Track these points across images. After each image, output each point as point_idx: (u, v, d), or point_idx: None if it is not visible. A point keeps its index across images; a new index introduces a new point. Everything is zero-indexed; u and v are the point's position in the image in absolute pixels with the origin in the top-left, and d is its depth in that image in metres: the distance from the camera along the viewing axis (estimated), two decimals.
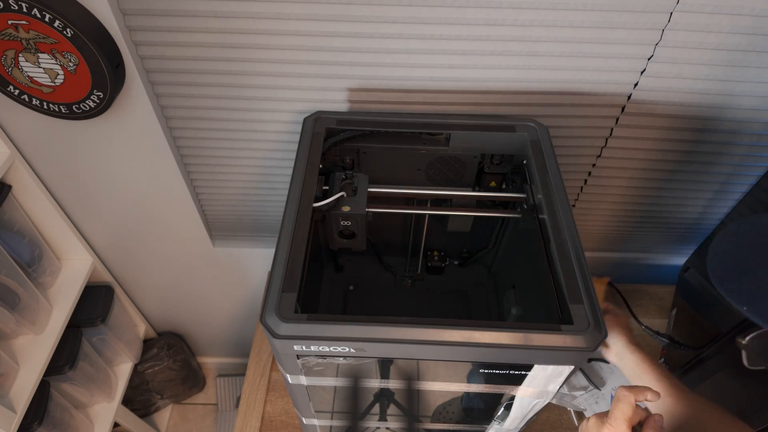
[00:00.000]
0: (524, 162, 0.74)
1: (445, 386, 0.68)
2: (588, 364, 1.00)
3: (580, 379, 0.98)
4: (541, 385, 0.60)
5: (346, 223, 0.70)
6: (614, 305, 0.83)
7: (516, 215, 0.73)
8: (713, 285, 0.56)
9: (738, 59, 0.74)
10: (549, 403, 0.66)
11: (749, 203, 0.93)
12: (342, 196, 0.71)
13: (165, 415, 1.64)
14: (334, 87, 0.79)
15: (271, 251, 0.62)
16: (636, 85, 0.78)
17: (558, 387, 0.61)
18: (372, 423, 0.83)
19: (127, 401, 1.44)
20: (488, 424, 0.76)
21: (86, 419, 1.23)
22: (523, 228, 0.72)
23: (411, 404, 0.79)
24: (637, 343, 0.74)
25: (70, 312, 1.09)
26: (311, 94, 0.80)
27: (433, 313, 0.96)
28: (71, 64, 0.72)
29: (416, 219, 0.89)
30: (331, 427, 0.82)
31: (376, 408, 0.80)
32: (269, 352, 1.02)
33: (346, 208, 0.70)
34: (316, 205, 0.66)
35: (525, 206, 0.71)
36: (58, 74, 0.74)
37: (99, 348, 1.24)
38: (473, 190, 0.82)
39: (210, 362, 1.72)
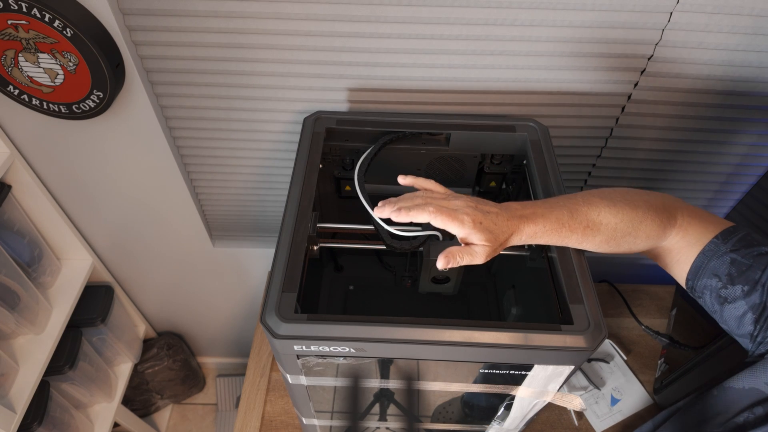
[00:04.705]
0: (524, 162, 0.74)
1: (445, 386, 0.68)
2: (588, 364, 1.00)
3: (580, 379, 0.98)
4: (541, 385, 0.60)
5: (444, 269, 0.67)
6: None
7: (524, 253, 0.68)
8: None
9: (738, 59, 0.74)
10: (549, 403, 0.66)
11: (749, 203, 0.93)
12: (437, 237, 0.64)
13: (165, 415, 1.64)
14: (334, 87, 0.79)
15: (271, 251, 0.62)
16: (636, 85, 0.78)
17: (558, 387, 0.61)
18: (372, 423, 0.83)
19: (127, 401, 1.44)
20: (488, 424, 0.76)
21: (86, 419, 1.23)
22: (531, 266, 0.70)
23: (411, 404, 0.79)
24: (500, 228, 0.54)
25: (70, 312, 1.09)
26: (311, 94, 0.80)
27: (433, 313, 0.96)
28: (71, 64, 0.72)
29: None
30: (331, 427, 0.82)
31: (376, 408, 0.80)
32: (269, 352, 1.02)
33: None
34: (399, 242, 0.62)
35: (534, 245, 0.66)
36: (57, 74, 0.74)
37: (99, 348, 1.24)
38: (473, 191, 0.82)
39: (210, 362, 1.72)
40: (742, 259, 0.51)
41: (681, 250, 0.56)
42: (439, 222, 0.52)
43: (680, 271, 0.56)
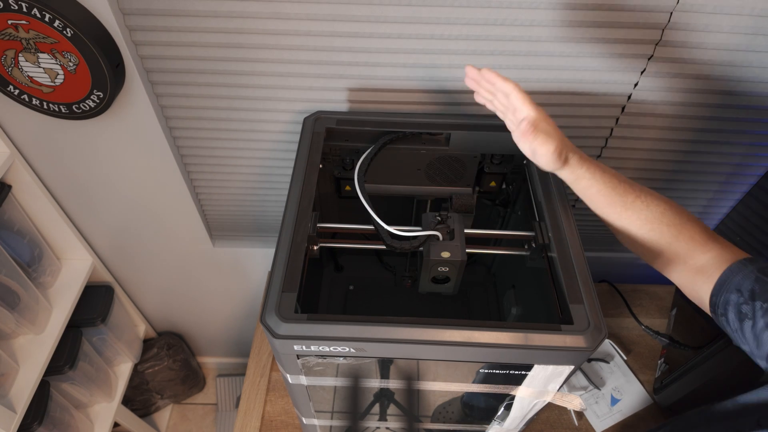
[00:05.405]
0: (524, 162, 0.74)
1: (445, 386, 0.68)
2: (588, 364, 1.00)
3: (580, 379, 0.98)
4: (541, 385, 0.60)
5: (443, 269, 0.66)
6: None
7: (524, 253, 0.70)
8: None
9: (738, 59, 0.74)
10: (549, 403, 0.66)
11: (749, 203, 0.93)
12: (437, 237, 0.65)
13: (165, 415, 1.64)
14: (334, 87, 0.79)
15: (271, 251, 0.62)
16: (636, 84, 0.78)
17: (558, 387, 0.61)
18: (372, 423, 0.83)
19: (127, 401, 1.44)
20: (488, 424, 0.76)
21: (86, 419, 1.22)
22: (531, 266, 0.70)
23: (411, 404, 0.79)
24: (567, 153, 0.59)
25: (70, 312, 1.09)
26: (311, 94, 0.80)
27: (433, 313, 0.96)
28: (71, 64, 0.72)
29: (416, 219, 0.89)
30: (331, 427, 0.82)
31: (376, 408, 0.80)
32: (269, 352, 1.02)
33: (446, 254, 0.64)
34: (399, 242, 0.63)
35: (534, 245, 0.68)
36: (57, 74, 0.74)
37: (99, 348, 1.24)
38: (473, 191, 0.82)
39: (210, 362, 1.72)
40: (767, 279, 0.51)
41: (713, 267, 0.55)
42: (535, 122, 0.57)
43: (708, 290, 0.55)
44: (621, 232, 0.61)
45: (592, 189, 0.59)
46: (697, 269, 0.57)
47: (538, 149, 0.58)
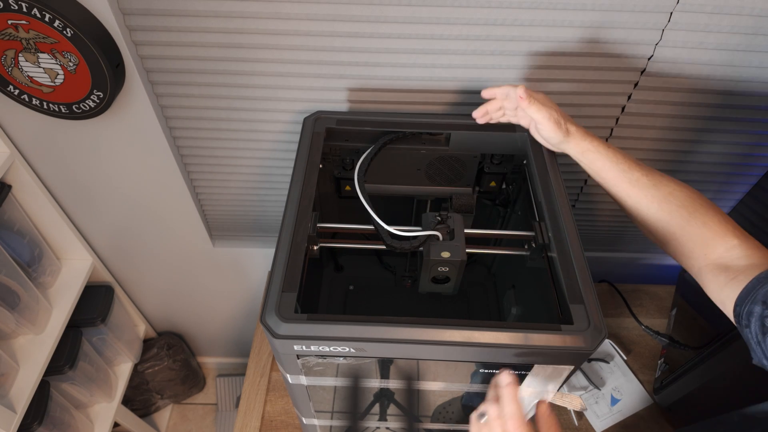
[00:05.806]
0: (524, 162, 0.74)
1: (445, 386, 0.68)
2: (588, 364, 1.00)
3: (580, 379, 0.98)
4: (541, 385, 0.60)
5: (443, 269, 0.66)
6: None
7: (524, 252, 0.70)
8: None
9: (738, 59, 0.74)
10: (549, 403, 0.66)
11: (749, 203, 0.93)
12: (437, 237, 0.65)
13: (165, 415, 1.64)
14: (334, 87, 0.79)
15: (271, 251, 0.62)
16: (636, 85, 0.78)
17: (558, 387, 0.61)
18: (372, 423, 0.83)
19: (127, 401, 1.44)
20: None
21: (86, 419, 1.22)
22: (531, 266, 0.70)
23: (411, 404, 0.79)
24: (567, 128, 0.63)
25: (70, 312, 1.09)
26: (311, 94, 0.80)
27: (433, 313, 0.96)
28: (71, 64, 0.72)
29: (416, 219, 0.89)
30: (331, 427, 0.82)
31: (376, 408, 0.80)
32: (269, 352, 1.03)
33: (446, 254, 0.64)
34: (399, 242, 0.63)
35: (534, 245, 0.67)
36: (58, 74, 0.74)
37: (99, 348, 1.24)
38: (473, 191, 0.82)
39: (210, 362, 1.72)
40: None
41: (738, 270, 0.51)
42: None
43: (730, 293, 0.51)
44: (634, 216, 0.60)
45: (598, 163, 0.60)
46: (719, 266, 0.53)
47: (535, 116, 0.60)
